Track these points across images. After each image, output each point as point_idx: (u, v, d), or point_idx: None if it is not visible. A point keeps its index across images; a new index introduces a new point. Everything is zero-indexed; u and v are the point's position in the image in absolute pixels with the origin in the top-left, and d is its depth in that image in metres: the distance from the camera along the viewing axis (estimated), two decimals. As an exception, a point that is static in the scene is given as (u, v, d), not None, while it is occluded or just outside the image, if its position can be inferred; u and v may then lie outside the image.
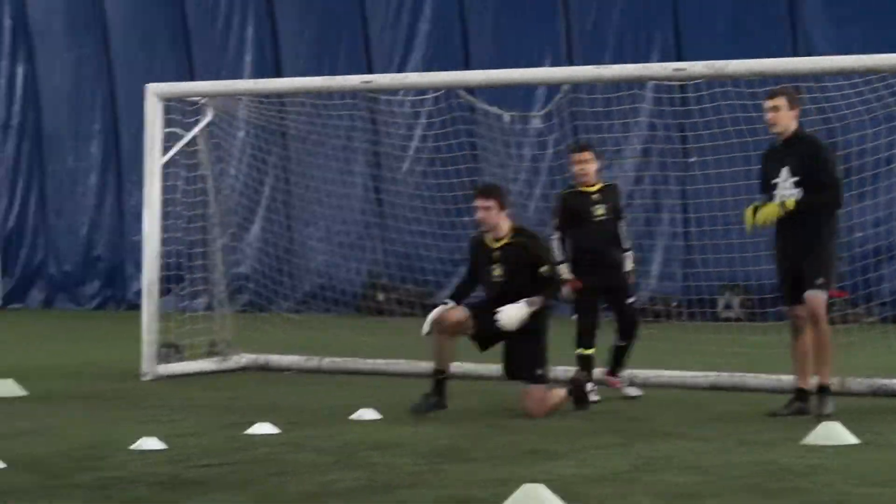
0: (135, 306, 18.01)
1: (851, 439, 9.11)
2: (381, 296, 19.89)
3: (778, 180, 10.75)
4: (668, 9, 20.98)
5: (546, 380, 10.80)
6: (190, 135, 14.44)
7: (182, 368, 13.99)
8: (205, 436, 9.68)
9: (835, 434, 9.16)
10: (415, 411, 10.67)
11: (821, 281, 10.58)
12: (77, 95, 25.21)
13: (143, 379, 13.56)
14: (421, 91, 15.72)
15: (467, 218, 17.11)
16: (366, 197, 20.28)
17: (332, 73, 20.49)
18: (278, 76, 22.19)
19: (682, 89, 17.27)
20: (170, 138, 14.31)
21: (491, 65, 20.85)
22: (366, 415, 10.58)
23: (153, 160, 14.19)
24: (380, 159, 21.37)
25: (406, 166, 20.98)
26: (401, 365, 13.87)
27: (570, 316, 11.95)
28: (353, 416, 10.56)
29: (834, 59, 13.06)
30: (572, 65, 20.37)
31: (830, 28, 20.37)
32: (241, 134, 17.90)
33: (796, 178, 10.66)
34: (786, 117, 10.78)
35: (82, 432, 9.91)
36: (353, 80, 14.63)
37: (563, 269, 11.78)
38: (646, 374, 12.75)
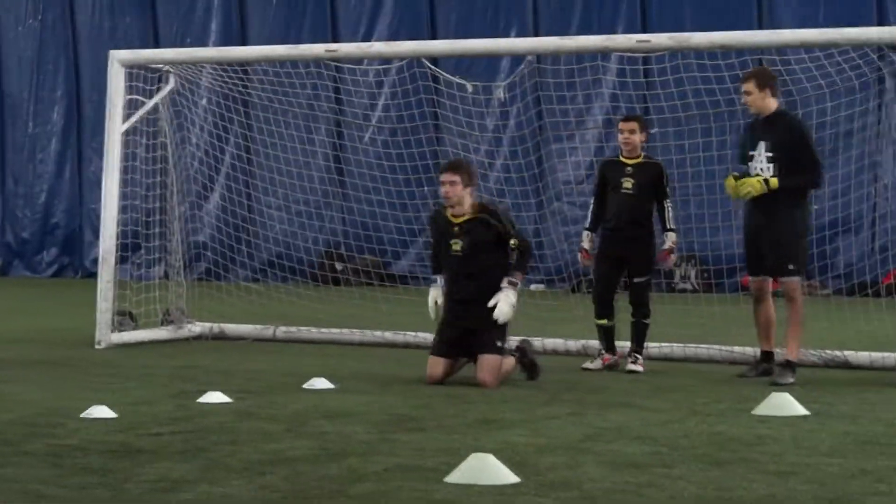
0: (92, 274, 17.92)
1: (802, 410, 9.16)
2: (339, 265, 19.86)
3: (754, 153, 11.05)
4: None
5: (503, 352, 10.81)
6: (151, 102, 14.36)
7: (136, 337, 13.95)
8: (156, 404, 9.64)
9: (785, 405, 9.20)
10: None
11: (792, 267, 11.00)
12: (40, 62, 25.01)
13: (96, 347, 13.50)
14: (386, 60, 15.64)
15: (427, 188, 17.10)
16: (326, 166, 20.23)
17: (298, 41, 20.43)
18: (244, 44, 22.09)
19: (646, 61, 17.32)
20: (132, 105, 14.22)
21: (457, 35, 20.85)
22: (318, 384, 10.56)
23: (114, 127, 14.10)
24: (342, 128, 21.31)
25: (367, 136, 20.93)
26: (355, 335, 13.86)
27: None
28: (306, 385, 10.54)
29: (796, 32, 13.11)
30: (538, 36, 20.35)
31: (794, 1, 20.44)
32: (204, 102, 17.81)
33: (770, 154, 10.95)
34: (758, 99, 11.08)
35: (34, 400, 9.85)
36: (316, 49, 14.55)
37: (583, 236, 12.04)
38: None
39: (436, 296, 11.03)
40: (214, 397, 9.75)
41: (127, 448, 7.88)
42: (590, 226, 12.07)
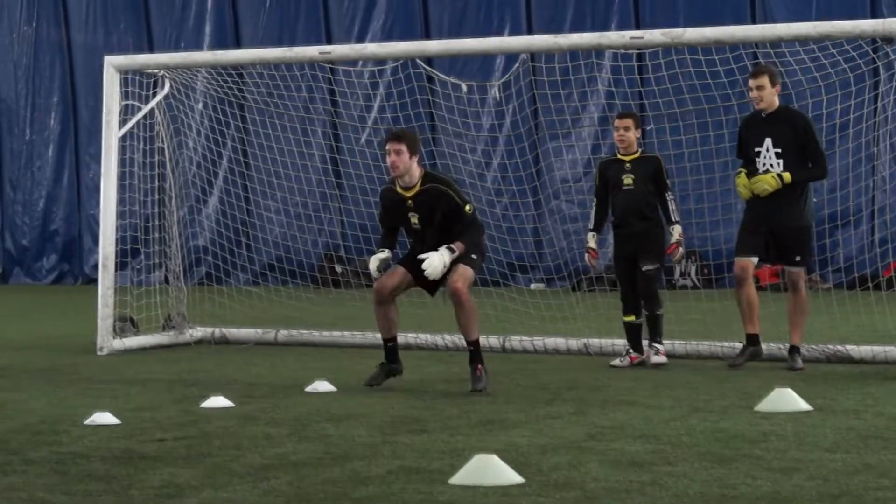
0: (92, 280, 17.96)
1: (804, 406, 9.17)
2: (339, 268, 19.86)
3: (760, 149, 11.39)
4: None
5: (475, 264, 10.56)
6: (147, 107, 14.37)
7: (138, 342, 13.95)
8: (159, 410, 9.65)
9: (788, 400, 9.20)
10: (370, 384, 10.65)
11: (798, 259, 11.49)
12: (35, 68, 25.01)
13: (98, 353, 13.50)
14: (380, 61, 15.62)
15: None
16: (324, 169, 20.24)
17: (292, 43, 20.43)
18: (238, 47, 22.09)
19: (640, 58, 17.31)
20: (128, 111, 14.23)
21: (450, 34, 20.87)
22: (321, 387, 10.57)
23: (111, 133, 14.10)
24: (338, 130, 21.31)
25: (364, 137, 20.93)
26: (356, 337, 13.86)
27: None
28: (308, 389, 10.55)
29: (790, 25, 13.11)
30: (532, 34, 20.36)
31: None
32: (199, 106, 17.80)
33: (779, 150, 11.34)
34: (770, 94, 11.49)
35: (37, 407, 9.86)
36: (311, 51, 14.55)
37: (588, 237, 12.09)
38: (601, 342, 12.82)
39: (378, 257, 10.67)
40: (217, 402, 9.75)
41: (131, 454, 7.88)
42: (593, 226, 12.15)
